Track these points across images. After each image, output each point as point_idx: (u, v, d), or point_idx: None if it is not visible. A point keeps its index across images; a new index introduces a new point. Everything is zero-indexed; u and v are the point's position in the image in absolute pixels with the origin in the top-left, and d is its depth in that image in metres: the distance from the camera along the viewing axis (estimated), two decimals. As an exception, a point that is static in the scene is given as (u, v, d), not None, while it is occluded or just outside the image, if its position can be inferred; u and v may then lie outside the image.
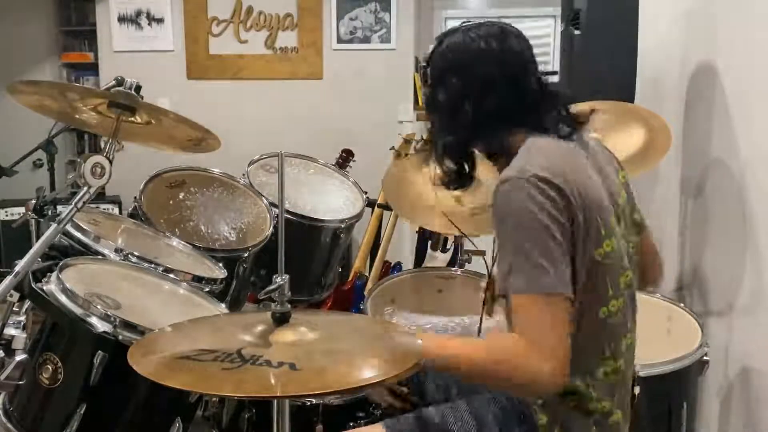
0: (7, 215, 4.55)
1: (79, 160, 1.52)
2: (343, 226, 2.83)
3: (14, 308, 1.54)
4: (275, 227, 2.56)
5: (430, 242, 3.35)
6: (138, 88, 1.56)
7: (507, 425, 1.35)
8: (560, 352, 1.18)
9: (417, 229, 3.77)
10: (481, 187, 1.70)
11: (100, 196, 4.57)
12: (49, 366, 1.54)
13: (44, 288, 1.56)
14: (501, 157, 1.41)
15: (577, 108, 1.46)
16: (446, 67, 1.42)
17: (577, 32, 2.57)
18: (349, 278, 3.51)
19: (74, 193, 1.55)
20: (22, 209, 1.79)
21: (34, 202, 1.76)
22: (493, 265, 1.32)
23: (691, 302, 2.42)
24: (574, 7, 2.59)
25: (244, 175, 2.76)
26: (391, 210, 3.05)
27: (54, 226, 1.50)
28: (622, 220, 1.38)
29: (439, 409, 1.41)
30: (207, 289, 1.99)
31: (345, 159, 3.57)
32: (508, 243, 1.24)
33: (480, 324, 1.77)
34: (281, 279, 1.31)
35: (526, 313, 1.21)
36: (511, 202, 1.24)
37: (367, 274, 3.56)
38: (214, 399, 1.87)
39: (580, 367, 1.28)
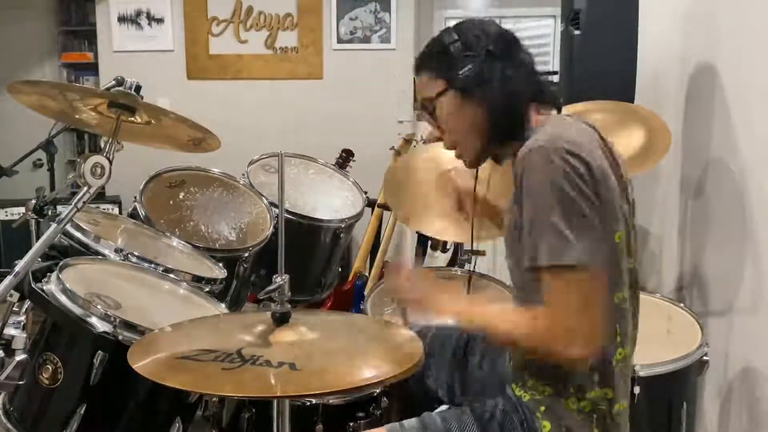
0: (7, 215, 4.55)
1: (79, 160, 1.52)
2: (343, 226, 2.83)
3: (14, 308, 1.54)
4: (275, 227, 2.56)
5: (430, 242, 3.35)
6: (138, 88, 1.56)
7: (510, 431, 1.35)
8: (589, 325, 1.20)
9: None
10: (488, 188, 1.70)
11: (100, 196, 4.57)
12: (49, 366, 1.53)
13: (44, 288, 1.55)
14: (518, 137, 1.37)
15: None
16: (475, 51, 1.36)
17: (577, 32, 2.57)
18: (349, 278, 3.51)
19: (74, 193, 1.55)
20: (22, 209, 1.79)
21: (34, 202, 1.76)
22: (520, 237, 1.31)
23: (691, 302, 2.42)
24: (574, 7, 2.59)
25: (244, 175, 2.76)
26: (391, 210, 3.05)
27: (54, 226, 1.50)
28: (630, 207, 1.38)
29: (442, 413, 1.40)
30: (207, 289, 1.99)
31: (345, 159, 3.57)
32: (536, 214, 1.23)
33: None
34: (281, 279, 1.31)
35: (556, 287, 1.21)
36: (540, 171, 1.23)
37: (367, 274, 3.56)
38: (214, 399, 1.87)
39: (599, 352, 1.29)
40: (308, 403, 1.77)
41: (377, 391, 1.80)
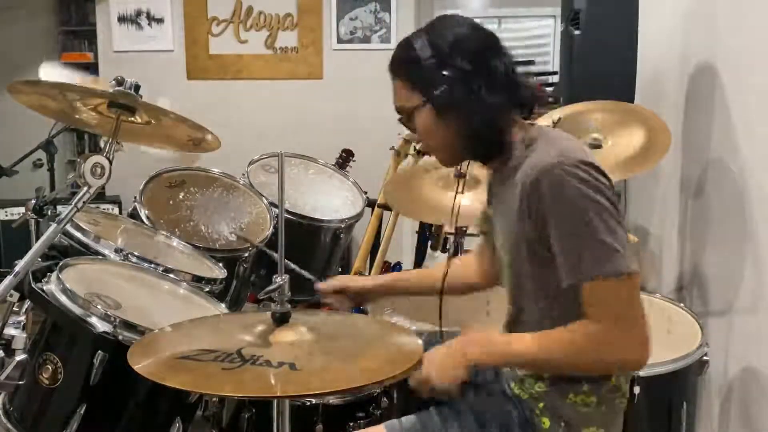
0: (7, 215, 4.55)
1: (79, 160, 1.52)
2: (343, 226, 2.83)
3: (14, 308, 1.54)
4: (275, 227, 2.56)
5: (430, 242, 3.35)
6: (138, 88, 1.56)
7: (509, 428, 1.35)
8: (645, 326, 1.22)
9: (417, 229, 3.77)
10: (480, 186, 1.70)
11: (100, 196, 4.57)
12: (49, 366, 1.54)
13: (44, 288, 1.56)
14: (499, 152, 1.38)
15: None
16: (450, 61, 1.33)
17: (577, 32, 2.57)
18: (349, 278, 3.50)
19: (74, 193, 1.55)
20: (22, 209, 1.80)
21: (34, 202, 1.76)
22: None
23: (691, 302, 2.41)
24: (574, 7, 2.59)
25: (244, 175, 2.76)
26: (391, 210, 3.05)
27: (54, 226, 1.50)
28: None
29: (441, 410, 1.40)
30: (207, 289, 1.99)
31: (345, 159, 3.57)
32: (574, 229, 1.21)
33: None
34: (281, 279, 1.31)
35: (609, 296, 1.21)
36: (568, 188, 1.21)
37: (367, 274, 3.55)
38: (214, 399, 1.87)
39: None
40: (308, 403, 1.77)
41: (377, 391, 1.80)
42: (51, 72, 2.18)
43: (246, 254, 2.44)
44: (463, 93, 1.31)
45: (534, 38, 5.84)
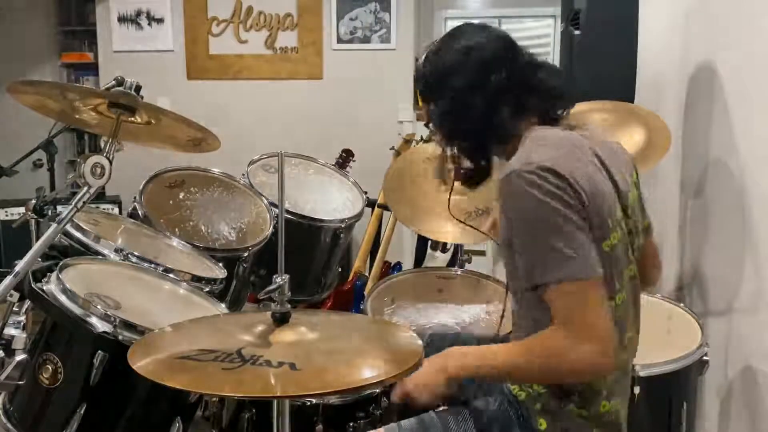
0: (7, 215, 4.55)
1: (79, 160, 1.52)
2: (343, 226, 2.83)
3: (14, 308, 1.54)
4: (275, 227, 2.56)
5: (430, 242, 3.35)
6: (138, 88, 1.56)
7: (508, 429, 1.35)
8: (601, 332, 1.20)
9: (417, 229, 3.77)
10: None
11: (100, 196, 4.57)
12: (49, 366, 1.53)
13: (44, 288, 1.55)
14: (505, 158, 1.41)
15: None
16: (447, 70, 1.41)
17: (577, 32, 2.57)
18: (349, 278, 3.51)
19: (74, 193, 1.55)
20: (22, 209, 1.79)
21: (34, 202, 1.76)
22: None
23: (691, 302, 2.41)
24: (574, 7, 2.59)
25: (244, 175, 2.76)
26: (391, 210, 3.05)
27: (54, 226, 1.50)
28: (631, 216, 1.38)
29: (441, 413, 1.41)
30: (207, 289, 1.99)
31: (345, 159, 3.57)
32: (528, 237, 1.24)
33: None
34: (281, 279, 1.31)
35: (561, 302, 1.21)
36: (522, 196, 1.24)
37: (367, 274, 3.56)
38: (214, 399, 1.87)
39: None
40: (308, 403, 1.77)
41: (377, 391, 1.80)
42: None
43: (246, 254, 2.44)
44: (456, 106, 1.39)
45: (534, 38, 5.85)
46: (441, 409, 1.44)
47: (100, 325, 1.52)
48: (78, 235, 1.91)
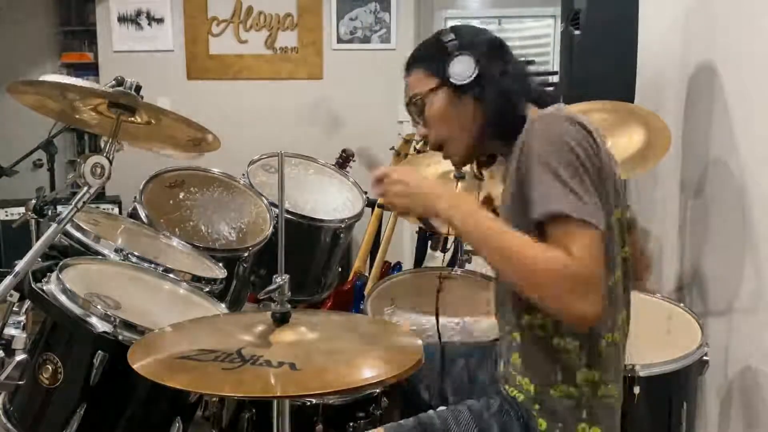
0: (7, 215, 4.55)
1: (79, 160, 1.52)
2: (343, 226, 2.83)
3: (14, 308, 1.54)
4: (275, 227, 2.56)
5: (430, 242, 3.35)
6: (138, 88, 1.56)
7: (507, 429, 1.35)
8: (596, 279, 1.16)
9: (417, 229, 3.78)
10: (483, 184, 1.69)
11: (100, 196, 4.58)
12: (49, 366, 1.54)
13: (44, 288, 1.56)
14: (512, 135, 1.37)
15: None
16: (465, 45, 1.39)
17: (577, 32, 2.57)
18: (349, 278, 3.51)
19: (74, 193, 1.55)
20: (22, 209, 1.79)
21: (34, 202, 1.76)
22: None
23: (691, 302, 2.41)
24: (574, 7, 2.59)
25: (244, 175, 2.76)
26: (391, 210, 3.06)
27: (54, 226, 1.50)
28: (622, 202, 1.38)
29: (440, 413, 1.40)
30: (207, 289, 1.99)
31: (345, 159, 3.57)
32: (547, 170, 1.20)
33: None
34: (281, 279, 1.32)
35: (569, 238, 1.16)
36: (550, 132, 1.23)
37: (367, 274, 3.56)
38: (214, 399, 1.87)
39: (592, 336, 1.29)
40: (308, 403, 1.77)
41: (377, 391, 1.80)
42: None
43: (246, 254, 2.45)
44: (484, 70, 1.36)
45: (534, 38, 5.84)
46: (441, 409, 1.44)
47: (100, 325, 1.52)
48: (78, 235, 1.91)
